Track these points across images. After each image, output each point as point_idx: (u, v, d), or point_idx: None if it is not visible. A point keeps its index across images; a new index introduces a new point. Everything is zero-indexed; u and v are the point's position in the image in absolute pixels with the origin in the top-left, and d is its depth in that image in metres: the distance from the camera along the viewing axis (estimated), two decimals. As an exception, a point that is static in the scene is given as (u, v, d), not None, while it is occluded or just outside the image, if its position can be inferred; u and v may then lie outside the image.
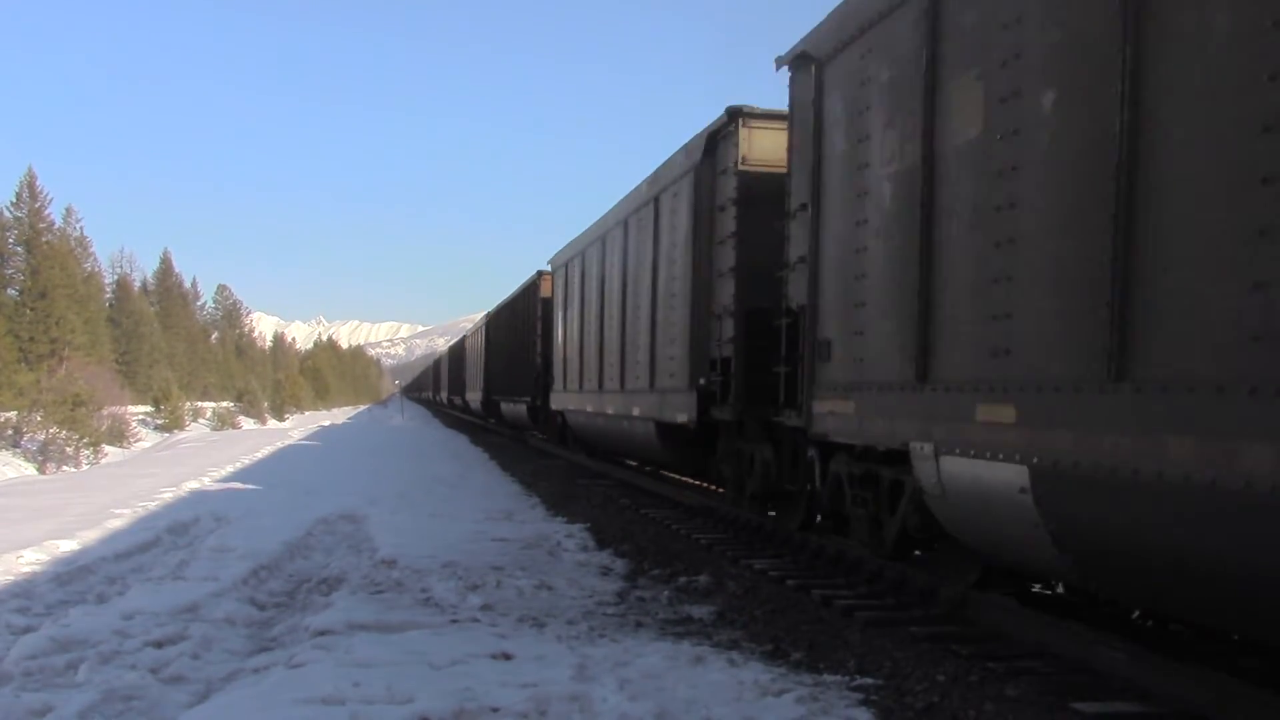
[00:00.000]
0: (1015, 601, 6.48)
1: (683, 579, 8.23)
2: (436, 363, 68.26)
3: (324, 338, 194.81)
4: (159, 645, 6.02)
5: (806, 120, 8.12)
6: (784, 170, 8.79)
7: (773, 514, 10.17)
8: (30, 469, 24.21)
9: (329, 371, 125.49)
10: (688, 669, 5.40)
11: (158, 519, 11.80)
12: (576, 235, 18.96)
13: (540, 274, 22.97)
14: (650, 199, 13.31)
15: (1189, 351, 4.22)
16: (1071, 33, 5.02)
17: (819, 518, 9.12)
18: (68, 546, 9.66)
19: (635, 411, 13.75)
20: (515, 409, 26.33)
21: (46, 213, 57.72)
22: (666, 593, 7.73)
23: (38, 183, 57.41)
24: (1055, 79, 5.11)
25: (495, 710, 4.69)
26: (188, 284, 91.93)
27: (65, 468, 24.78)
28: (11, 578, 8.07)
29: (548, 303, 21.55)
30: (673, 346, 12.05)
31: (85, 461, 26.15)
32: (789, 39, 8.63)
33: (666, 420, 12.26)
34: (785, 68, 8.57)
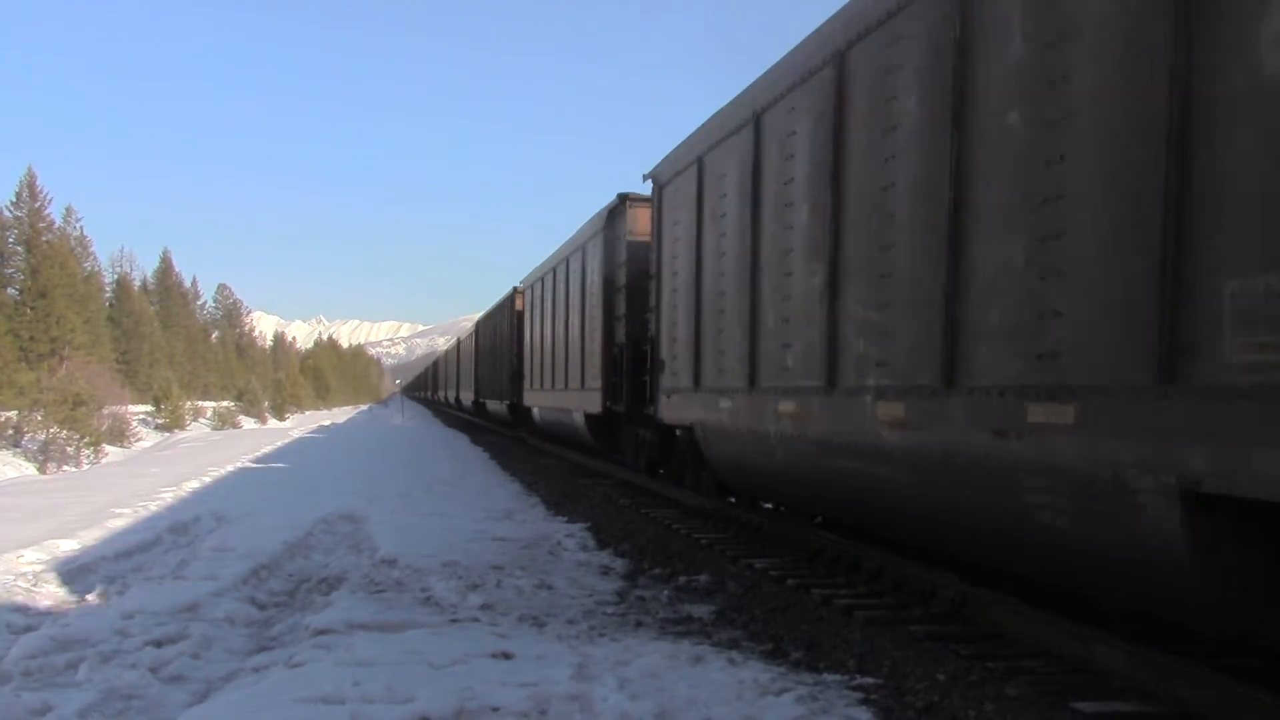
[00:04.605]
0: (1016, 601, 6.48)
1: (683, 578, 8.23)
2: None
3: (324, 337, 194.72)
4: (159, 644, 6.03)
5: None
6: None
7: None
8: (31, 468, 24.20)
9: (329, 371, 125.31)
10: (688, 668, 5.41)
11: (158, 518, 11.81)
12: (481, 315, 36.73)
13: (478, 323, 37.30)
14: (500, 310, 29.67)
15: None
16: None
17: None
18: (68, 546, 9.68)
19: (489, 403, 32.82)
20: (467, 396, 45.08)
21: (46, 212, 57.74)
22: (666, 592, 7.74)
23: (38, 183, 57.45)
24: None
25: (495, 710, 4.69)
26: (188, 283, 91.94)
27: (66, 467, 24.76)
28: (12, 577, 8.08)
29: (480, 339, 36.74)
30: (501, 374, 27.89)
31: (86, 461, 26.13)
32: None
33: (504, 402, 28.45)
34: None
